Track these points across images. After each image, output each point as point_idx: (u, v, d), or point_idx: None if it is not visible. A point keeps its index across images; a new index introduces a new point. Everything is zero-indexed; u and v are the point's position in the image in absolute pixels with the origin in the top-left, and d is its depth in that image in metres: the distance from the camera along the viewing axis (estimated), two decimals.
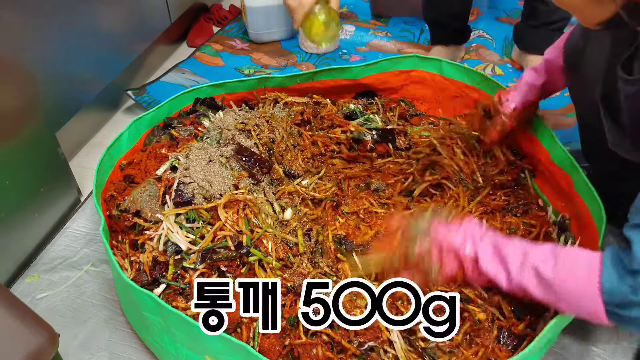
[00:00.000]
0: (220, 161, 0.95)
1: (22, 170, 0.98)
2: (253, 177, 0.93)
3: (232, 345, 0.71)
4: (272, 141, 1.03)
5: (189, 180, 0.91)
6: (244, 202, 0.88)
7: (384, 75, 1.26)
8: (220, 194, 0.89)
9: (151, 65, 1.61)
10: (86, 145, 1.34)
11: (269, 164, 0.97)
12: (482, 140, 1.06)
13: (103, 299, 0.96)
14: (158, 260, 0.84)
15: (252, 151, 0.97)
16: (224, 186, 0.90)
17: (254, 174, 0.93)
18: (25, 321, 0.69)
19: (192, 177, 0.91)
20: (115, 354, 0.87)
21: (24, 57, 0.98)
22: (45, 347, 0.68)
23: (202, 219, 0.87)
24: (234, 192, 0.90)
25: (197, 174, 0.91)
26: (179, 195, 0.89)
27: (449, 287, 0.83)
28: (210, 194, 0.89)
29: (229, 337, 0.70)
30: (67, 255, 1.03)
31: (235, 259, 0.83)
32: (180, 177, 0.92)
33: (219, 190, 0.90)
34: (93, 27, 1.22)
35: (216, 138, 1.01)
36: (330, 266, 0.88)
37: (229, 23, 1.85)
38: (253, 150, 0.98)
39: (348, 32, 1.75)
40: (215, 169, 0.93)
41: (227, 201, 0.88)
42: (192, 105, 1.18)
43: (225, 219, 0.85)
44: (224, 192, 0.90)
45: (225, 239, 0.84)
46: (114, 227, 0.93)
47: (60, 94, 1.11)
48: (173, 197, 0.89)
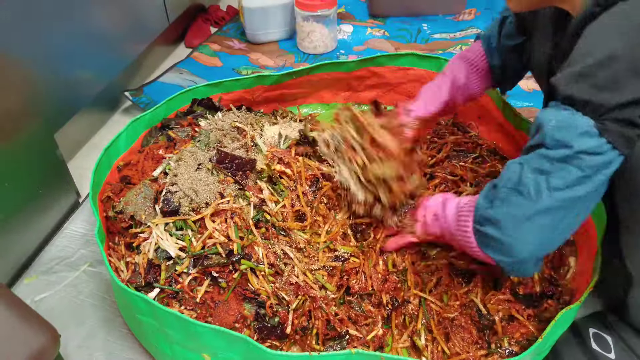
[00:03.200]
0: (207, 167, 0.94)
1: (21, 171, 0.98)
2: (238, 183, 0.92)
3: (230, 339, 0.71)
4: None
5: (175, 189, 0.90)
6: (231, 211, 0.88)
7: (380, 69, 1.26)
8: (206, 202, 0.88)
9: (149, 66, 1.61)
10: (85, 147, 1.34)
11: (251, 164, 0.95)
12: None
13: (101, 299, 0.96)
14: (153, 263, 0.84)
15: (233, 155, 0.95)
16: (209, 194, 0.89)
17: (238, 180, 0.92)
18: (28, 322, 0.70)
19: (179, 186, 0.90)
20: (113, 354, 0.88)
21: (22, 59, 0.98)
22: (48, 348, 0.69)
23: (190, 228, 0.87)
24: (219, 201, 0.88)
25: (184, 182, 0.90)
26: (166, 204, 0.88)
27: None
28: (196, 204, 0.88)
29: (226, 331, 0.70)
30: (64, 255, 1.04)
31: (227, 265, 0.83)
32: (168, 185, 0.91)
33: (204, 199, 0.88)
34: (91, 29, 1.22)
35: (205, 142, 1.01)
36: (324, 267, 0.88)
37: (226, 23, 1.86)
38: (234, 154, 0.96)
39: (346, 33, 1.75)
40: (202, 176, 0.92)
41: (213, 212, 0.87)
42: (189, 106, 1.18)
43: (213, 229, 0.85)
44: (209, 201, 0.88)
45: (215, 246, 0.84)
46: (111, 228, 0.93)
47: (59, 95, 1.12)
48: (160, 206, 0.89)
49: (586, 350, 0.78)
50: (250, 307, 0.82)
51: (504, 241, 0.67)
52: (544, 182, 0.64)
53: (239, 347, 0.72)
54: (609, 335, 0.79)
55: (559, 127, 0.62)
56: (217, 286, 0.83)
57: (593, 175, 0.62)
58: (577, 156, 0.61)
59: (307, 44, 1.65)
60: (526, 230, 0.65)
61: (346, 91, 1.32)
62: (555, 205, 0.64)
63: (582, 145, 0.61)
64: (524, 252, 0.67)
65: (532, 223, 0.65)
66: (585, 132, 0.61)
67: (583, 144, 0.61)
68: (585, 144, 0.61)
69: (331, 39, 1.66)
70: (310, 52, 1.67)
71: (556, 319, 0.73)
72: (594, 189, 0.64)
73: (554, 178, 0.63)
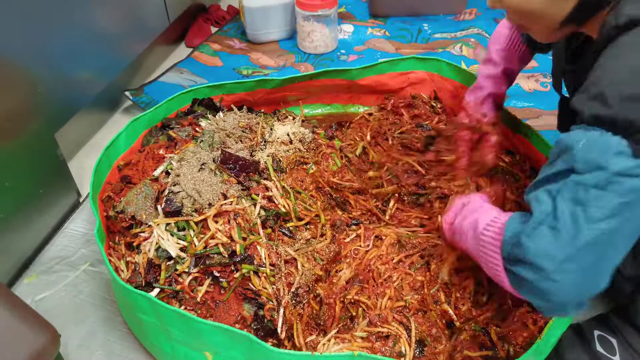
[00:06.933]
0: (210, 168, 0.94)
1: (21, 171, 0.98)
2: (241, 184, 0.93)
3: (233, 336, 0.71)
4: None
5: (178, 189, 0.90)
6: (234, 212, 0.88)
7: (382, 77, 1.26)
8: (209, 203, 0.88)
9: (150, 65, 1.61)
10: (85, 146, 1.34)
11: (254, 166, 0.95)
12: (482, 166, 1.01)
13: (101, 298, 0.96)
14: (153, 263, 0.84)
15: (237, 157, 0.95)
16: (213, 195, 0.89)
17: (241, 181, 0.93)
18: (28, 322, 0.70)
19: (182, 186, 0.90)
20: (113, 354, 0.88)
21: (23, 58, 0.98)
22: (48, 347, 0.69)
23: (192, 229, 0.87)
24: (222, 202, 0.88)
25: (187, 182, 0.90)
26: (168, 204, 0.88)
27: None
28: (199, 204, 0.88)
29: (229, 328, 0.70)
30: (65, 255, 1.04)
31: (229, 265, 0.83)
32: (171, 185, 0.91)
33: (207, 200, 0.88)
34: (92, 28, 1.22)
35: (208, 142, 1.01)
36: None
37: (227, 23, 1.86)
38: (238, 155, 0.97)
39: (346, 33, 1.75)
40: (205, 176, 0.92)
41: (216, 212, 0.87)
42: (190, 106, 1.18)
43: (215, 230, 0.85)
44: (213, 202, 0.88)
45: (217, 246, 0.84)
46: (111, 228, 0.93)
47: (59, 95, 1.12)
48: (163, 206, 0.89)
49: (591, 353, 0.78)
50: (250, 308, 0.82)
51: (541, 285, 0.58)
52: (581, 213, 0.56)
53: (242, 344, 0.72)
54: (613, 337, 0.79)
55: (590, 147, 0.56)
56: (218, 285, 0.83)
57: (634, 200, 0.55)
58: (615, 179, 0.55)
59: (307, 44, 1.65)
60: (566, 271, 0.57)
61: (347, 94, 1.32)
62: (596, 240, 0.56)
63: (618, 166, 0.55)
64: (565, 296, 0.58)
65: (572, 263, 0.56)
66: (619, 152, 0.55)
67: (619, 164, 0.55)
68: (621, 164, 0.55)
69: (332, 38, 1.65)
70: (311, 52, 1.67)
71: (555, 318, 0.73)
72: (638, 215, 0.56)
73: (592, 207, 0.55)
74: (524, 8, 0.66)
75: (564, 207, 0.57)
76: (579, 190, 0.56)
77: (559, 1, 0.63)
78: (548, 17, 0.65)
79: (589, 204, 0.56)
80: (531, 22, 0.69)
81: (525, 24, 0.70)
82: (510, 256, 0.62)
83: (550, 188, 0.60)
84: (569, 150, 0.58)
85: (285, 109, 1.30)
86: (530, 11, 0.66)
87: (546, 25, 0.67)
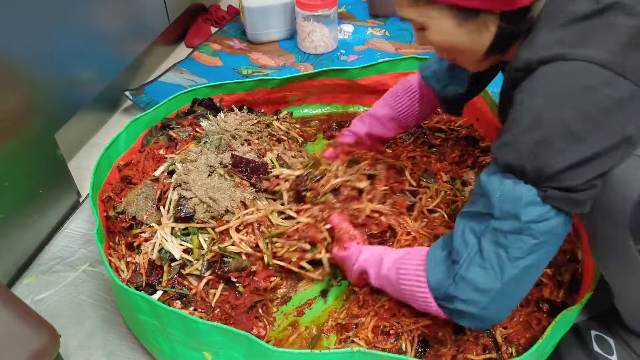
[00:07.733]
0: (219, 173, 0.94)
1: (21, 171, 0.98)
2: (254, 187, 0.94)
3: (233, 337, 0.71)
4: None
5: (190, 195, 0.90)
6: (258, 222, 0.89)
7: (382, 77, 1.26)
8: (226, 209, 0.88)
9: (150, 65, 1.61)
10: (85, 146, 1.34)
11: (264, 168, 0.96)
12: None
13: (101, 299, 0.96)
14: (155, 264, 0.84)
15: (247, 159, 0.96)
16: (230, 202, 0.89)
17: (254, 183, 0.94)
18: (27, 322, 0.70)
19: (194, 192, 0.90)
20: (113, 354, 0.88)
21: (23, 58, 0.98)
22: (48, 348, 0.69)
23: (210, 235, 0.87)
24: (244, 212, 0.89)
25: (198, 189, 0.90)
26: (179, 210, 0.88)
27: None
28: (217, 212, 0.88)
29: (228, 328, 0.70)
30: (64, 255, 1.04)
31: (245, 269, 0.83)
32: (180, 190, 0.91)
33: (224, 207, 0.88)
34: (91, 28, 1.22)
35: (215, 144, 1.01)
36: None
37: (227, 23, 1.86)
38: (247, 158, 0.97)
39: (346, 33, 1.75)
40: (216, 182, 0.92)
41: (239, 224, 0.87)
42: (190, 106, 1.18)
43: (239, 240, 0.86)
44: (230, 208, 0.89)
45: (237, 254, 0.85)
46: (111, 228, 0.93)
47: (59, 95, 1.12)
48: (172, 212, 0.88)
49: (588, 353, 0.78)
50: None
51: (478, 314, 0.67)
52: (504, 254, 0.64)
53: (241, 344, 0.71)
54: (611, 337, 0.79)
55: (504, 199, 0.63)
56: (234, 290, 0.83)
57: (547, 239, 0.63)
58: (527, 227, 0.62)
59: (307, 44, 1.65)
60: (497, 301, 0.66)
61: (347, 94, 1.32)
62: (519, 273, 0.65)
63: (529, 215, 0.62)
64: (495, 319, 0.69)
65: (502, 294, 0.66)
66: (529, 202, 0.61)
67: (530, 214, 0.61)
68: (531, 214, 0.62)
69: (332, 38, 1.65)
70: (311, 52, 1.67)
71: (556, 320, 0.73)
72: (554, 246, 0.65)
73: (512, 250, 0.64)
74: (448, 45, 0.70)
75: (489, 249, 0.65)
76: (499, 236, 0.64)
77: (476, 37, 0.68)
78: (471, 51, 0.70)
79: (509, 246, 0.64)
80: (458, 56, 0.74)
81: (454, 58, 0.75)
82: (445, 296, 0.69)
83: (475, 228, 0.67)
84: (488, 198, 0.65)
85: (286, 109, 1.30)
86: (453, 47, 0.70)
87: (472, 57, 0.72)
